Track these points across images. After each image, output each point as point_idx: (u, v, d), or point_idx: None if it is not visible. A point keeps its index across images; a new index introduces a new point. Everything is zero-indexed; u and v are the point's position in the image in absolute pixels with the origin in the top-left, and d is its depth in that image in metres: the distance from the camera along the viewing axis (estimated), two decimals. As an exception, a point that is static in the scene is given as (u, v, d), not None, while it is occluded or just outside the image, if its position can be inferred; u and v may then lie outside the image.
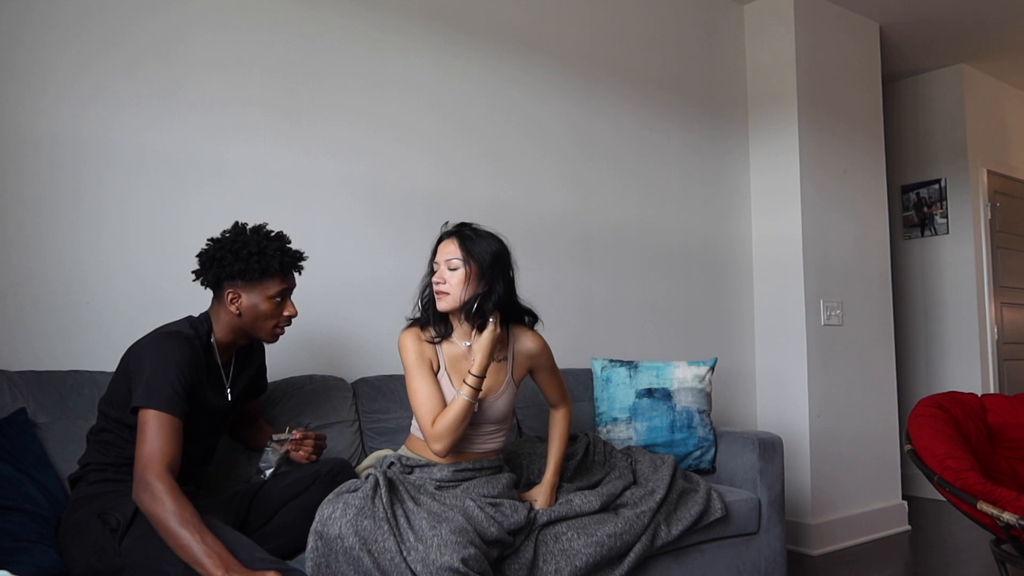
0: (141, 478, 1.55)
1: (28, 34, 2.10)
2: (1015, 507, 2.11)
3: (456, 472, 1.91)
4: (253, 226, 1.88)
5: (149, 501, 1.52)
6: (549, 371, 2.13)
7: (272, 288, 1.84)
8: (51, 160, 2.12)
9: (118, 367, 1.76)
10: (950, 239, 4.83)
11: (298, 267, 1.91)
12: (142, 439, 1.59)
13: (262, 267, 1.81)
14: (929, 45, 4.54)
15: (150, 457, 1.56)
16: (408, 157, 2.78)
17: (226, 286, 1.82)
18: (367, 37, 2.71)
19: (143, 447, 1.57)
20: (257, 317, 1.85)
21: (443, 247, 1.97)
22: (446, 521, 1.69)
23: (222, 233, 1.87)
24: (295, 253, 1.89)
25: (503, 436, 2.05)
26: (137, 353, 1.70)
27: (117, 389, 1.72)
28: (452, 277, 1.92)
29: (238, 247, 1.80)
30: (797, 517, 3.60)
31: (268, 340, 1.91)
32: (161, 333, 1.74)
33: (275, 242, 1.85)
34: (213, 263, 1.81)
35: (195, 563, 1.47)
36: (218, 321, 1.85)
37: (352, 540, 1.62)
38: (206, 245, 1.86)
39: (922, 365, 4.89)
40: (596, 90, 3.35)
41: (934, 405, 2.63)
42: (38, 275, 2.08)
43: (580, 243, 3.25)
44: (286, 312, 1.89)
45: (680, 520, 2.17)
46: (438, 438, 1.85)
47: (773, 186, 3.86)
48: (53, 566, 1.58)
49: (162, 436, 1.59)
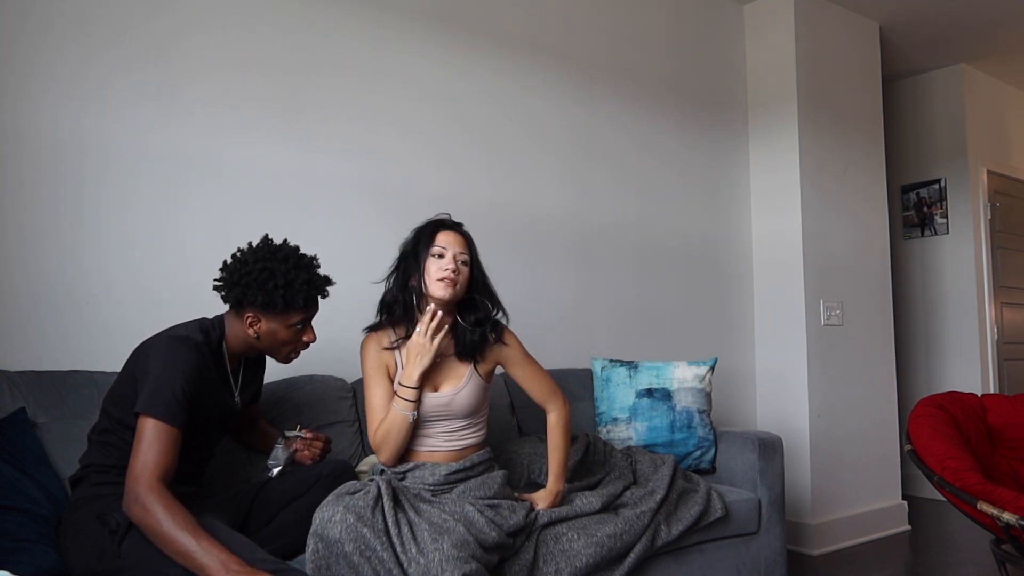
0: (131, 490, 1.53)
1: (28, 34, 2.10)
2: (1015, 507, 2.11)
3: (448, 476, 1.90)
4: (284, 250, 1.80)
5: (141, 513, 1.51)
6: (522, 364, 2.06)
7: (294, 318, 1.80)
8: (51, 160, 2.11)
9: (125, 366, 1.74)
10: (950, 239, 4.83)
11: (324, 295, 1.86)
12: (137, 448, 1.57)
13: (287, 301, 1.75)
14: (929, 45, 4.53)
15: (142, 468, 1.54)
16: (409, 156, 2.78)
17: (247, 308, 1.77)
18: (367, 36, 2.71)
19: (136, 457, 1.56)
20: (275, 342, 1.82)
21: (451, 237, 1.96)
22: (447, 533, 1.67)
23: (249, 246, 1.81)
24: (321, 283, 1.83)
25: (480, 430, 2.02)
26: (145, 355, 1.68)
27: (122, 389, 1.71)
28: (463, 271, 1.95)
29: (264, 278, 1.73)
30: (797, 517, 3.60)
31: (281, 362, 1.90)
32: (171, 336, 1.71)
33: (304, 272, 1.78)
34: (236, 286, 1.75)
35: (196, 567, 1.46)
36: (232, 332, 1.82)
37: (351, 547, 1.62)
38: (232, 259, 1.80)
39: (922, 365, 4.89)
40: (596, 90, 3.35)
41: (934, 405, 2.63)
42: (38, 275, 2.08)
43: (580, 243, 3.25)
44: (305, 338, 1.86)
45: (680, 520, 2.16)
46: (378, 447, 1.90)
47: (773, 186, 3.86)
48: (53, 566, 1.58)
49: (157, 446, 1.57)
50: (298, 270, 1.78)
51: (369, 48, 2.72)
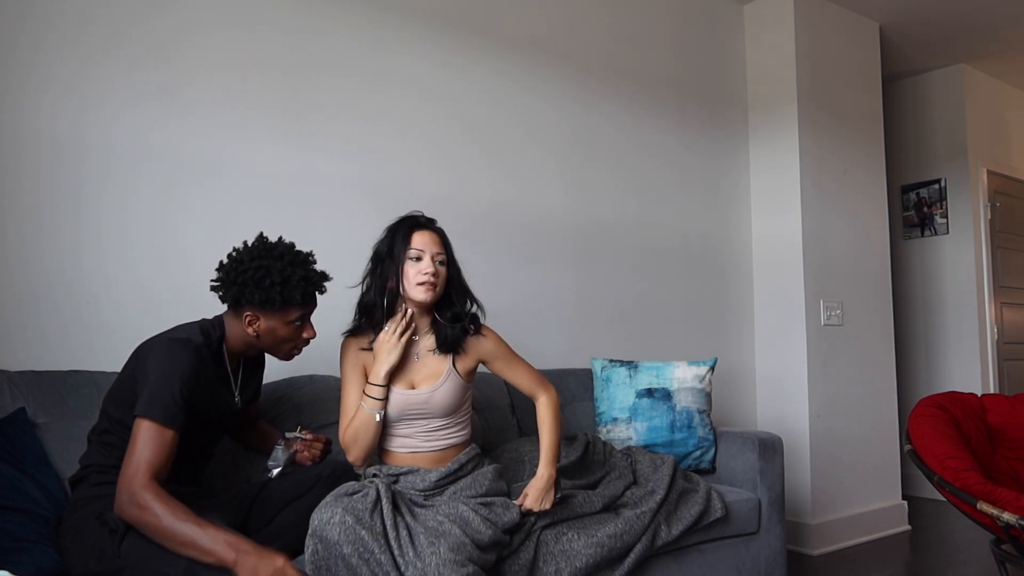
0: (126, 490, 1.53)
1: (28, 34, 2.10)
2: (1015, 507, 2.11)
3: (439, 481, 1.89)
4: (279, 247, 1.80)
5: (139, 513, 1.51)
6: (506, 361, 2.05)
7: (293, 314, 1.81)
8: (52, 160, 2.11)
9: (125, 367, 1.74)
10: (950, 239, 4.83)
11: (321, 290, 1.87)
12: (131, 449, 1.56)
13: (284, 297, 1.75)
14: (929, 45, 4.53)
15: (135, 470, 1.53)
16: (409, 156, 2.78)
17: (245, 307, 1.78)
18: (367, 36, 2.71)
19: (131, 458, 1.55)
20: (275, 340, 1.83)
21: (427, 239, 1.93)
22: (444, 537, 1.67)
23: (244, 245, 1.81)
24: (318, 279, 1.84)
25: (462, 430, 2.01)
26: (145, 356, 1.68)
27: (122, 390, 1.71)
28: (441, 271, 1.94)
29: (260, 275, 1.73)
30: (797, 517, 3.60)
31: (283, 359, 1.90)
32: (171, 339, 1.70)
33: (300, 268, 1.78)
34: (233, 285, 1.75)
35: (204, 554, 1.45)
36: (231, 332, 1.82)
37: (349, 549, 1.62)
38: (228, 258, 1.80)
39: (922, 365, 4.89)
40: (596, 90, 3.35)
41: (934, 405, 2.63)
42: (38, 275, 2.08)
43: (580, 242, 3.25)
44: (305, 335, 1.86)
45: (680, 520, 2.16)
46: (347, 447, 1.90)
47: (773, 186, 3.86)
48: (53, 566, 1.58)
49: (151, 447, 1.56)
50: (294, 266, 1.78)
51: (369, 48, 2.71)
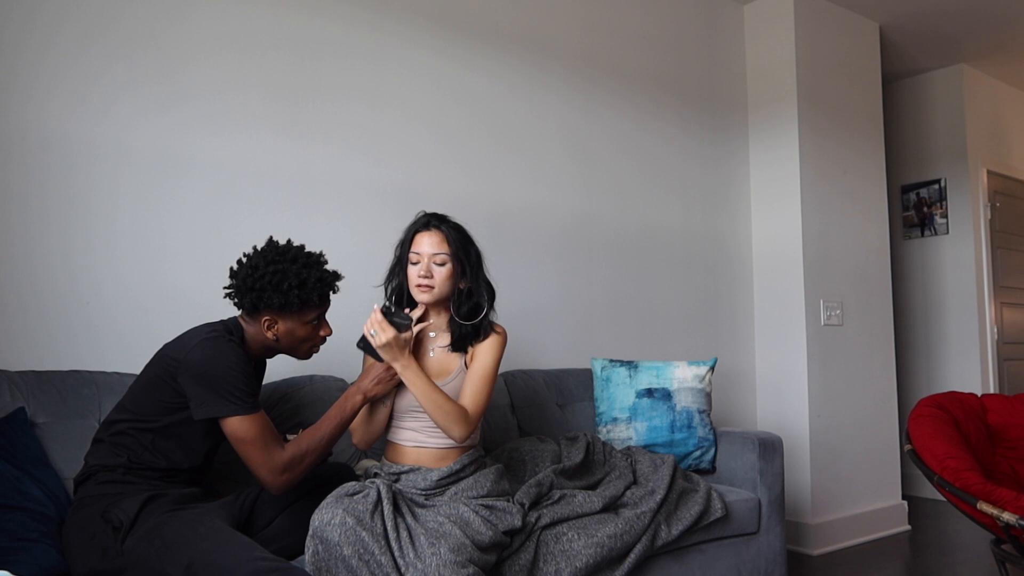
0: (273, 485, 1.71)
1: (25, 33, 2.10)
2: (1015, 507, 2.11)
3: (440, 480, 1.89)
4: (292, 251, 1.83)
5: (289, 477, 1.72)
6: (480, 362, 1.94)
7: (310, 315, 1.85)
8: (52, 160, 2.11)
9: (151, 367, 1.76)
10: (950, 239, 4.83)
11: (335, 289, 1.91)
12: (245, 449, 1.69)
13: (302, 300, 1.80)
14: (929, 45, 4.54)
15: (262, 464, 1.69)
16: (410, 155, 2.78)
17: (263, 311, 1.81)
18: (367, 34, 2.72)
19: (250, 459, 1.70)
20: (294, 341, 1.87)
21: (426, 239, 1.93)
22: (444, 538, 1.67)
23: (255, 249, 1.83)
24: (332, 279, 1.88)
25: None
26: (187, 363, 1.69)
27: (154, 392, 1.72)
28: (439, 272, 1.92)
29: (278, 280, 1.76)
30: (797, 517, 3.60)
31: (302, 359, 1.94)
32: (211, 340, 1.73)
33: (315, 270, 1.82)
34: (251, 291, 1.78)
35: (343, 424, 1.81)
36: (249, 336, 1.86)
37: (349, 550, 1.62)
38: (240, 265, 1.82)
39: (922, 365, 4.89)
40: (596, 90, 3.35)
41: (934, 405, 2.63)
42: (39, 275, 2.08)
43: (580, 242, 3.25)
44: (322, 333, 1.91)
45: (680, 520, 2.16)
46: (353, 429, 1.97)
47: (773, 186, 3.86)
48: (54, 565, 1.58)
49: (252, 436, 1.69)
50: (309, 268, 1.82)
51: (369, 47, 2.71)
